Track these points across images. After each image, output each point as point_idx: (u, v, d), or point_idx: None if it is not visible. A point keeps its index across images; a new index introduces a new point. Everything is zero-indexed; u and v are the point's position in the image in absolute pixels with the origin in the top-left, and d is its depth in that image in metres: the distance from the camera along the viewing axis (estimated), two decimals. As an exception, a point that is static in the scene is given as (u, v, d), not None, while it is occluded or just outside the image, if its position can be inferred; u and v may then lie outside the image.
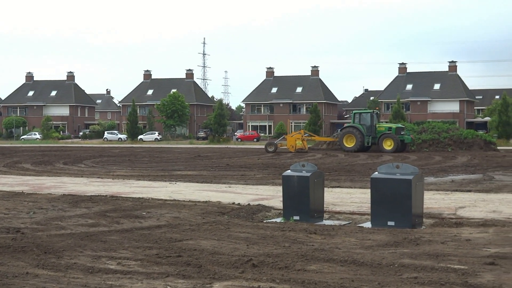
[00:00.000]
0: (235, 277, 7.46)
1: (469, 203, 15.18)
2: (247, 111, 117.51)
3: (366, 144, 48.70)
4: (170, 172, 27.70)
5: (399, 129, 49.25)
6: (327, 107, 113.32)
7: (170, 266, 8.10)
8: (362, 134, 48.50)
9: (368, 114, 50.16)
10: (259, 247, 9.44)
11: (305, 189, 12.91)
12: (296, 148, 49.72)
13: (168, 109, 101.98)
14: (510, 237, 10.16)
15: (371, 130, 48.78)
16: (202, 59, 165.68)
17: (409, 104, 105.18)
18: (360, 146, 48.29)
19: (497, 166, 30.29)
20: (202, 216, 12.97)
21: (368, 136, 48.59)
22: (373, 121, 49.22)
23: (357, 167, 31.04)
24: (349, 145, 48.85)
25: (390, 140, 47.73)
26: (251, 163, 34.73)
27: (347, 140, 49.24)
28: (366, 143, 48.67)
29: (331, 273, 7.61)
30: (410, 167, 12.01)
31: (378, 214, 12.03)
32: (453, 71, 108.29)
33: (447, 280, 7.10)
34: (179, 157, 43.71)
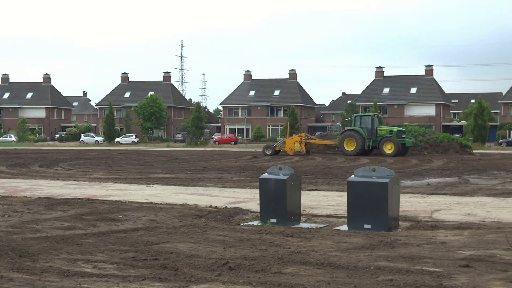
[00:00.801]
0: (212, 280, 7.46)
1: (445, 206, 15.31)
2: (224, 114, 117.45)
3: (366, 148, 47.66)
4: (147, 175, 27.60)
5: (400, 133, 48.29)
6: (304, 110, 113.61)
7: (146, 269, 8.07)
8: (362, 138, 47.51)
9: (369, 117, 49.27)
10: (236, 250, 9.45)
11: (282, 192, 12.94)
12: (295, 151, 49.04)
13: (146, 112, 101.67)
14: (485, 239, 10.26)
15: (372, 134, 47.81)
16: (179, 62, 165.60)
17: (386, 108, 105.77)
18: (360, 150, 47.28)
19: (472, 170, 30.55)
20: (179, 219, 12.95)
21: (369, 140, 47.61)
22: (374, 124, 48.29)
23: (334, 170, 31.14)
24: (350, 149, 47.80)
25: (391, 144, 46.67)
26: (229, 166, 34.71)
27: (348, 144, 48.16)
28: (366, 147, 47.61)
29: (307, 276, 7.63)
30: (386, 170, 12.09)
31: (354, 217, 12.09)
32: (429, 75, 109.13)
33: (422, 283, 7.16)
34: (156, 160, 43.56)
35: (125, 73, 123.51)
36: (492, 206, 15.21)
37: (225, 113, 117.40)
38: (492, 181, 23.67)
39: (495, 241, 10.01)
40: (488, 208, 14.80)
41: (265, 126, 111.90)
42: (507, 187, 20.89)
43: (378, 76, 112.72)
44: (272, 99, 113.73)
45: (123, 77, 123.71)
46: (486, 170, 29.95)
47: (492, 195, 18.05)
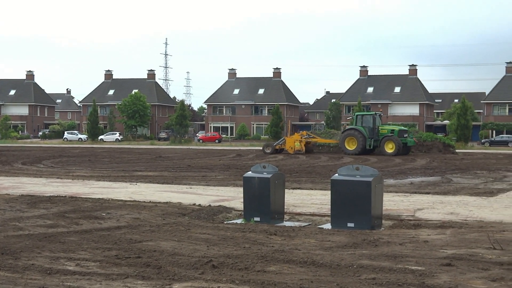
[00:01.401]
0: (195, 278, 7.45)
1: (428, 205, 15.39)
2: (209, 112, 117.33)
3: (368, 147, 46.90)
4: (131, 173, 27.52)
5: (402, 132, 47.60)
6: (289, 109, 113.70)
7: (129, 267, 8.05)
8: (364, 137, 46.77)
9: (370, 116, 48.49)
10: (219, 248, 9.44)
11: (266, 190, 12.95)
12: (295, 149, 48.64)
13: (129, 110, 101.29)
14: (467, 238, 10.32)
15: (373, 133, 47.06)
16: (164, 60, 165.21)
17: (370, 107, 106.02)
18: (361, 149, 46.52)
19: (455, 169, 30.72)
20: (163, 217, 12.92)
21: (370, 139, 46.87)
22: (375, 123, 47.56)
23: (318, 168, 31.20)
24: (351, 148, 47.07)
25: (392, 143, 45.90)
26: (213, 164, 34.68)
27: (349, 143, 47.41)
28: (368, 146, 46.88)
29: (290, 274, 7.64)
30: (369, 169, 12.13)
31: (338, 216, 12.12)
32: (413, 75, 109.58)
33: (404, 281, 7.19)
34: (140, 157, 43.43)
35: (109, 70, 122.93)
36: (474, 205, 15.31)
37: (209, 111, 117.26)
38: (474, 180, 23.82)
39: (477, 240, 10.08)
40: (470, 207, 14.89)
41: (250, 125, 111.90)
42: (490, 186, 21.03)
43: (362, 75, 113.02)
44: (257, 98, 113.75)
45: (107, 74, 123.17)
46: (468, 170, 30.13)
47: (475, 194, 18.16)
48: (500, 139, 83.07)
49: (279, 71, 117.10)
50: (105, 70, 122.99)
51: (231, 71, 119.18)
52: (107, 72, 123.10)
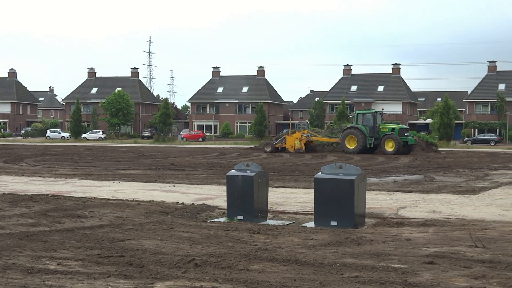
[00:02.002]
0: (178, 277, 7.43)
1: (410, 203, 15.45)
2: (192, 111, 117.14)
3: (368, 146, 46.30)
4: (114, 171, 27.40)
5: (403, 130, 47.11)
6: (272, 108, 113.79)
7: (111, 266, 8.01)
8: (364, 135, 46.20)
9: (371, 114, 47.77)
10: (202, 246, 9.42)
11: (249, 189, 12.95)
12: (295, 148, 48.07)
13: (113, 108, 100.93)
14: (449, 236, 10.37)
15: (373, 131, 46.54)
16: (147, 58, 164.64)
17: (353, 105, 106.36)
18: (362, 148, 46.01)
19: (438, 167, 30.87)
20: (146, 216, 12.88)
21: (370, 137, 46.29)
22: (376, 122, 46.94)
23: (301, 167, 31.23)
24: (351, 147, 46.56)
25: (392, 141, 45.38)
26: (196, 163, 34.62)
27: (349, 142, 46.90)
28: (368, 145, 46.30)
29: (273, 273, 7.63)
30: (353, 168, 12.15)
31: (321, 214, 12.13)
32: (396, 74, 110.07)
33: (387, 279, 7.21)
34: (123, 156, 43.28)
35: (92, 68, 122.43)
36: (456, 204, 15.39)
37: (193, 109, 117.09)
38: (457, 178, 23.94)
39: (459, 238, 10.13)
40: (452, 206, 14.97)
41: (233, 123, 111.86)
42: (472, 184, 21.14)
43: (346, 74, 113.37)
44: (241, 96, 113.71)
45: (90, 72, 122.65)
46: (451, 168, 30.29)
47: (457, 192, 18.25)
48: (482, 138, 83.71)
49: (263, 69, 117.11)
50: (88, 68, 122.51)
51: (215, 69, 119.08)
52: (90, 70, 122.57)
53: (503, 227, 11.43)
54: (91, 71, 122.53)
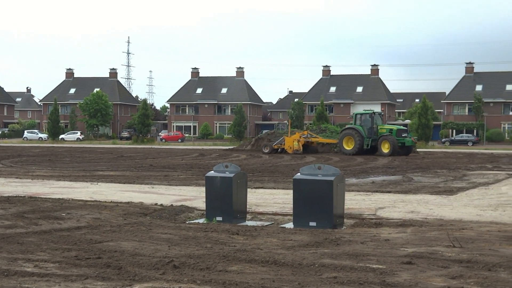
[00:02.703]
0: (156, 278, 7.38)
1: (389, 203, 15.52)
2: (171, 112, 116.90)
3: (366, 147, 45.55)
4: (92, 173, 27.24)
5: (401, 131, 46.33)
6: (252, 108, 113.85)
7: (89, 268, 7.94)
8: (361, 136, 45.52)
9: (368, 115, 47.12)
10: (181, 248, 9.38)
11: (228, 190, 12.93)
12: (293, 149, 47.21)
13: (91, 109, 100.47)
14: (427, 237, 10.42)
15: (371, 132, 45.83)
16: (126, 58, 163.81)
17: (332, 106, 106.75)
18: (359, 149, 45.33)
19: (416, 168, 31.05)
20: (124, 217, 12.81)
21: (368, 139, 45.56)
22: (373, 123, 46.29)
23: (280, 168, 31.26)
24: (349, 148, 45.98)
25: (388, 143, 44.57)
26: (175, 164, 34.53)
27: (347, 143, 46.31)
28: (365, 146, 45.54)
29: (252, 274, 7.62)
30: (331, 168, 12.18)
31: (300, 215, 12.14)
32: (375, 75, 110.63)
33: (365, 280, 7.22)
34: (102, 157, 43.04)
35: (70, 69, 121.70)
36: (434, 204, 15.48)
37: (172, 110, 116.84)
38: (435, 179, 24.10)
39: (437, 238, 10.18)
40: (430, 206, 15.06)
41: (213, 124, 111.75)
42: (450, 185, 21.29)
43: (325, 75, 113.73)
44: (220, 97, 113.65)
45: (68, 73, 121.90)
46: (429, 169, 30.48)
47: (435, 193, 18.37)
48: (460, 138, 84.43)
49: (242, 70, 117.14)
50: (66, 69, 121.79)
51: (194, 70, 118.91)
52: (68, 71, 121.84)
53: (480, 227, 11.51)
54: (69, 72, 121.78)
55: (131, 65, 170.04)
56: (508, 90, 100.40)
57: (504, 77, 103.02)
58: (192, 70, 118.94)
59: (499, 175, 26.05)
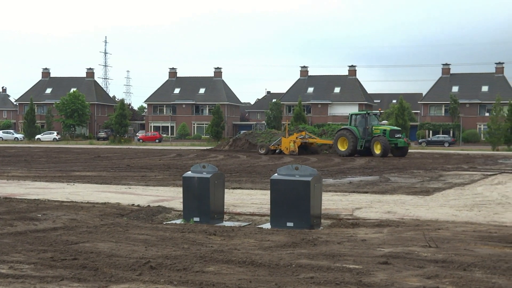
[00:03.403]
0: (132, 279, 7.35)
1: (366, 204, 15.58)
2: (149, 112, 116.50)
3: (359, 148, 44.80)
4: (68, 173, 27.05)
5: (394, 132, 45.28)
6: (229, 109, 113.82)
7: (65, 270, 7.88)
8: (355, 137, 44.75)
9: (362, 115, 46.42)
10: (158, 249, 9.35)
11: (206, 190, 12.90)
12: (290, 150, 46.60)
13: (68, 109, 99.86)
14: (403, 237, 10.48)
15: (365, 133, 44.96)
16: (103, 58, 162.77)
17: (310, 107, 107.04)
18: (352, 150, 44.67)
19: (393, 168, 31.21)
20: (100, 218, 12.73)
21: (362, 139, 44.77)
22: (367, 123, 45.35)
23: (258, 168, 31.27)
24: (343, 149, 45.29)
25: (379, 144, 43.63)
26: (152, 164, 34.40)
27: (342, 144, 45.66)
28: (359, 147, 44.78)
29: (229, 274, 7.61)
30: (308, 169, 12.20)
31: (277, 215, 12.15)
32: (352, 75, 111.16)
33: (342, 280, 7.24)
34: (78, 157, 42.78)
35: (46, 68, 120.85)
36: (411, 204, 15.57)
37: (149, 110, 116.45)
38: (411, 179, 24.24)
39: (413, 238, 10.24)
40: (407, 206, 15.14)
41: (190, 124, 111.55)
42: (426, 185, 21.43)
43: (302, 75, 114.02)
44: (197, 97, 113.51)
45: (44, 72, 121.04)
46: (406, 169, 30.65)
47: (412, 193, 18.47)
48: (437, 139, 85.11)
49: (220, 70, 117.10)
50: (43, 68, 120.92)
51: (171, 70, 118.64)
52: (44, 70, 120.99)
53: (456, 227, 11.60)
54: (45, 71, 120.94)
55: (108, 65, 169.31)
56: (483, 92, 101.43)
57: (480, 78, 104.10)
58: (170, 70, 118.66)
59: (474, 175, 26.28)
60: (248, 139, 57.93)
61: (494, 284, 7.02)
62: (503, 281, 7.21)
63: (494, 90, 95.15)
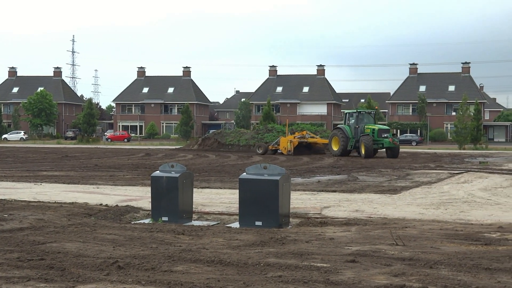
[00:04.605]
0: (100, 279, 7.31)
1: (334, 203, 15.67)
2: (117, 111, 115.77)
3: (349, 148, 43.09)
4: (36, 173, 26.77)
5: (382, 131, 42.59)
6: (198, 108, 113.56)
7: (31, 270, 7.81)
8: (346, 137, 43.01)
9: (353, 114, 44.77)
10: (126, 248, 9.31)
11: (174, 189, 12.88)
12: (287, 150, 45.52)
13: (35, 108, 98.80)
14: (371, 235, 10.57)
15: (357, 132, 43.06)
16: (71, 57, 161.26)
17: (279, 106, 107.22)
18: (343, 150, 42.95)
19: (361, 167, 31.40)
20: (68, 218, 12.63)
21: (353, 139, 42.98)
22: (358, 122, 43.45)
23: (227, 167, 31.26)
24: (335, 149, 43.80)
25: (363, 144, 41.67)
26: (121, 164, 34.20)
27: (335, 143, 44.14)
28: (349, 147, 43.06)
29: (197, 274, 7.61)
30: (277, 168, 12.24)
31: (246, 214, 12.17)
32: (321, 75, 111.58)
33: (310, 278, 7.28)
34: (46, 157, 42.35)
35: (13, 67, 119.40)
36: (378, 203, 15.70)
37: (118, 110, 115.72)
38: (379, 178, 24.42)
39: (380, 237, 10.33)
40: (375, 205, 15.27)
41: (159, 124, 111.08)
42: (393, 184, 21.61)
43: (271, 75, 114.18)
44: (166, 97, 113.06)
45: (10, 71, 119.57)
46: (374, 168, 30.87)
47: (379, 192, 18.63)
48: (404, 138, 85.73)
49: (189, 70, 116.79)
50: (9, 67, 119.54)
51: (140, 69, 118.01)
52: (11, 69, 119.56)
53: (423, 225, 11.74)
54: (12, 70, 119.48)
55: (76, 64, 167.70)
56: (450, 91, 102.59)
57: (447, 78, 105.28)
58: (139, 69, 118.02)
59: (441, 174, 26.57)
60: (217, 138, 57.88)
61: (460, 281, 7.11)
62: (469, 278, 7.31)
63: (461, 90, 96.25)
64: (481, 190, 19.26)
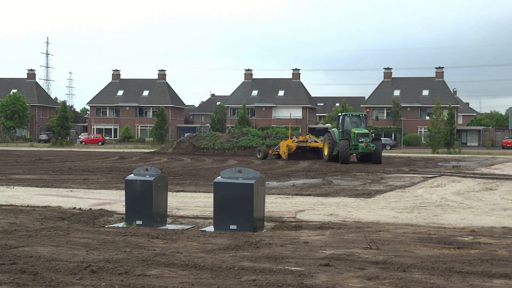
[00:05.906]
0: (73, 284, 7.25)
1: (309, 206, 15.70)
2: (92, 114, 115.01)
3: (335, 153, 40.72)
4: (8, 176, 26.49)
5: (360, 135, 39.81)
6: (174, 111, 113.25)
7: (3, 274, 7.72)
8: (333, 141, 40.80)
9: (339, 117, 42.73)
10: (99, 252, 9.24)
11: (148, 193, 12.82)
12: (286, 154, 44.69)
13: (8, 110, 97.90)
14: (345, 239, 10.60)
15: (343, 136, 40.73)
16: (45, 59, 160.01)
17: (254, 110, 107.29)
18: (330, 154, 40.96)
19: (335, 171, 31.52)
20: (41, 222, 12.52)
21: (337, 143, 40.48)
22: (343, 126, 41.27)
23: (202, 171, 31.20)
24: (325, 153, 41.97)
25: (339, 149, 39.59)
26: (95, 167, 33.98)
27: (326, 148, 42.14)
28: (335, 151, 40.63)
29: (171, 278, 7.58)
30: (252, 172, 12.24)
31: (220, 218, 12.15)
32: (296, 79, 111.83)
33: (284, 282, 7.29)
34: (19, 160, 41.94)
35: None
36: (353, 207, 15.76)
37: (92, 112, 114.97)
38: (353, 182, 24.53)
39: (354, 240, 10.37)
40: (349, 208, 15.33)
41: (134, 127, 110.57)
42: (368, 188, 21.71)
43: (247, 78, 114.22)
44: (141, 100, 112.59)
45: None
46: (348, 172, 30.99)
47: (354, 195, 18.71)
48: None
49: (164, 73, 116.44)
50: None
51: (115, 72, 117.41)
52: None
53: (396, 229, 11.80)
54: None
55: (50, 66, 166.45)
56: (424, 96, 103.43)
57: (421, 82, 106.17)
58: (113, 72, 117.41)
59: (415, 178, 26.74)
60: (192, 142, 57.79)
61: (433, 285, 7.16)
62: (441, 281, 7.37)
63: (434, 94, 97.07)
64: (454, 194, 19.43)
